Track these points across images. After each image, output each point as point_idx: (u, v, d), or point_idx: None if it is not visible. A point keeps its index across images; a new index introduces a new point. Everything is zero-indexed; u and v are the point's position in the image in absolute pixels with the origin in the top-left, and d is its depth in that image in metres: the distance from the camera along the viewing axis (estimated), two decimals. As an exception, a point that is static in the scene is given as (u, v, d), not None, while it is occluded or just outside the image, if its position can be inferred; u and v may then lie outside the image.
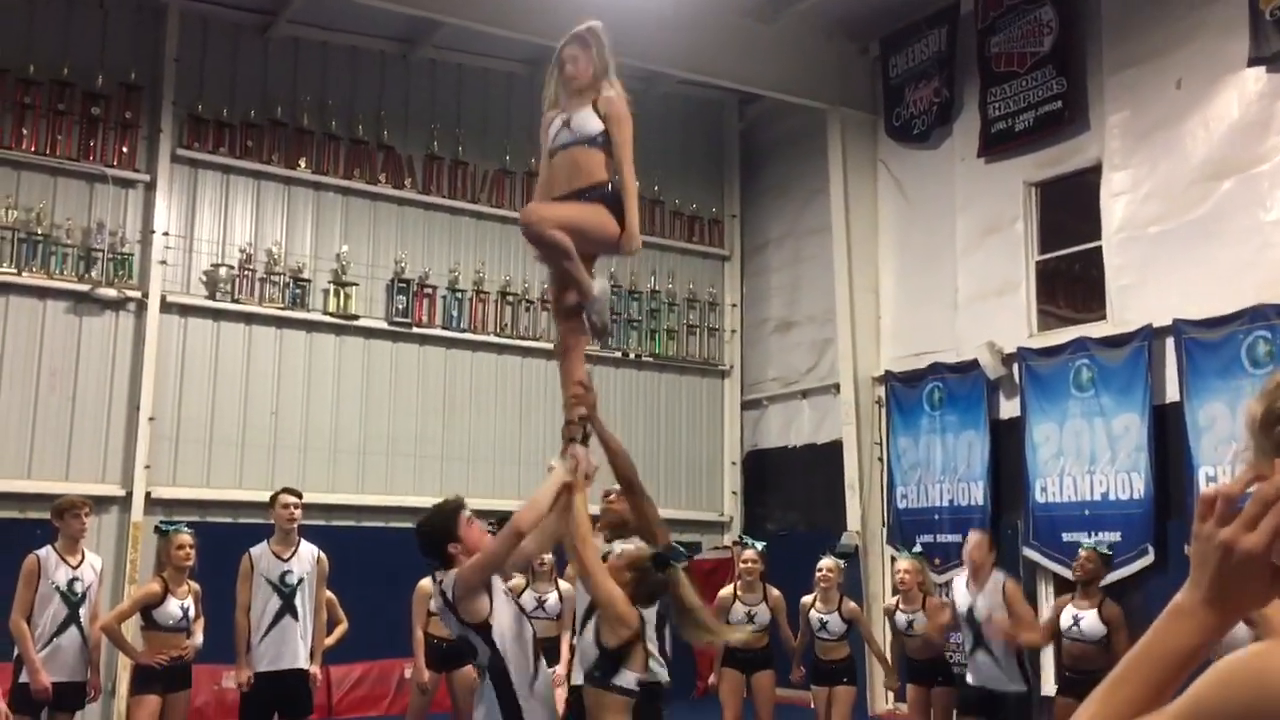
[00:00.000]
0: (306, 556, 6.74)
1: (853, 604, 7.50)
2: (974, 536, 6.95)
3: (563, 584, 7.37)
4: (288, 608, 6.55)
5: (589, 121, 4.28)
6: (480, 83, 13.10)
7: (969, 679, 6.76)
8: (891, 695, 10.79)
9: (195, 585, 6.42)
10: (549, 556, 7.06)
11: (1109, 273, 10.55)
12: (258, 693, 6.45)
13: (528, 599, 7.18)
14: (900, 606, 7.35)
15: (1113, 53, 10.56)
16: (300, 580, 6.62)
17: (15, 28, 10.71)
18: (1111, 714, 1.28)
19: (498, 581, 4.23)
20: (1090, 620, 6.20)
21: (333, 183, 12.11)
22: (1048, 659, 9.34)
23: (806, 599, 7.55)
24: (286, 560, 6.64)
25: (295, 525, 6.73)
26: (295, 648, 6.53)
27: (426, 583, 7.38)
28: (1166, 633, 1.30)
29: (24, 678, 6.03)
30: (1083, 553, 6.63)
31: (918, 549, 8.42)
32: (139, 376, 10.85)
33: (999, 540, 11.00)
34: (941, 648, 7.35)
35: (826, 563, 7.57)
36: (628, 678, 4.03)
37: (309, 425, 11.68)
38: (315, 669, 6.67)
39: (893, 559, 12.00)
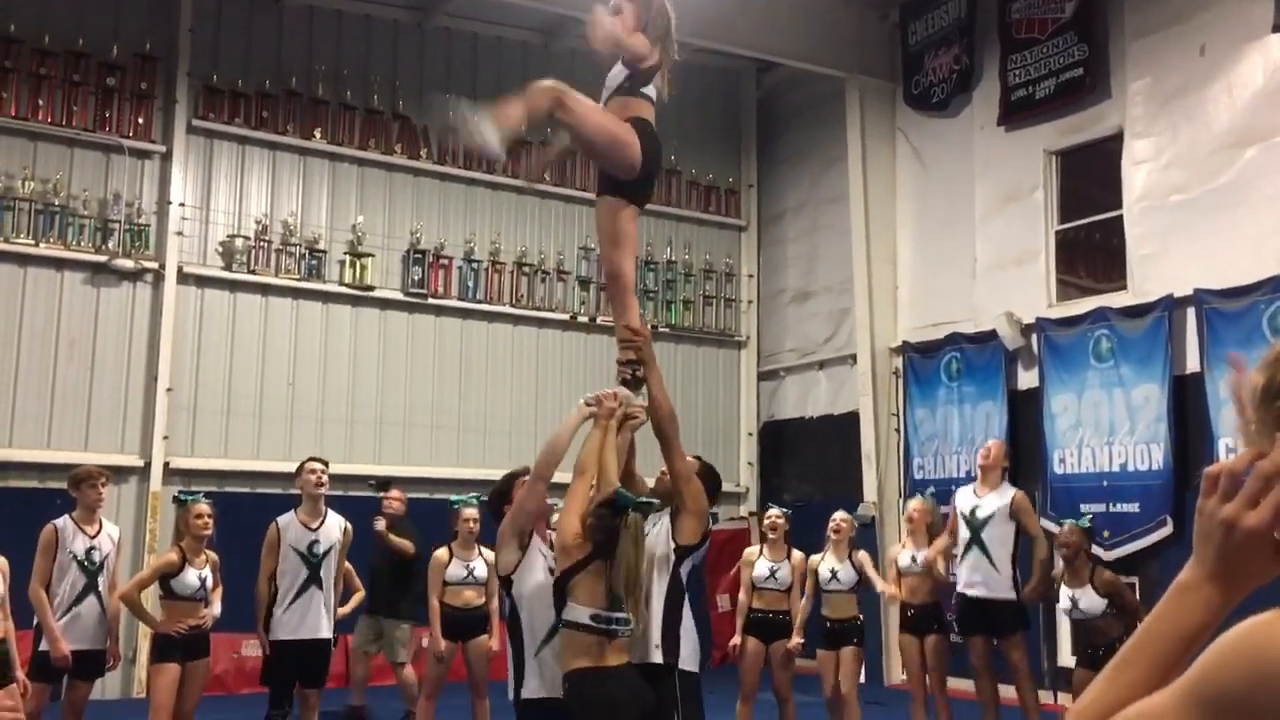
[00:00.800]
0: (334, 526, 6.79)
1: (863, 552, 7.55)
2: (993, 442, 7.00)
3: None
4: (314, 578, 6.60)
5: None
6: (495, 51, 13.02)
7: (961, 588, 6.79)
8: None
9: (213, 555, 6.45)
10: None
11: (1130, 242, 10.44)
12: (280, 660, 6.50)
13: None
14: (905, 544, 7.40)
15: (1135, 19, 10.41)
16: (328, 550, 6.66)
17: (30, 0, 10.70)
18: (1117, 695, 1.27)
19: (540, 545, 4.39)
20: (1088, 598, 6.13)
21: (348, 153, 12.08)
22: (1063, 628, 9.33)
23: (815, 557, 7.56)
24: (315, 530, 6.68)
25: (322, 493, 6.77)
26: (319, 617, 6.58)
27: (442, 553, 7.43)
28: (1171, 611, 1.29)
29: (44, 646, 6.08)
30: (1064, 527, 6.48)
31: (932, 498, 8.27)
32: (156, 347, 10.89)
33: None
34: (937, 587, 7.32)
35: (841, 514, 7.64)
36: (577, 612, 4.02)
37: (326, 396, 11.71)
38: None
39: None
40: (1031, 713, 6.54)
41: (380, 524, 8.52)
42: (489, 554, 7.55)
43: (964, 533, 6.76)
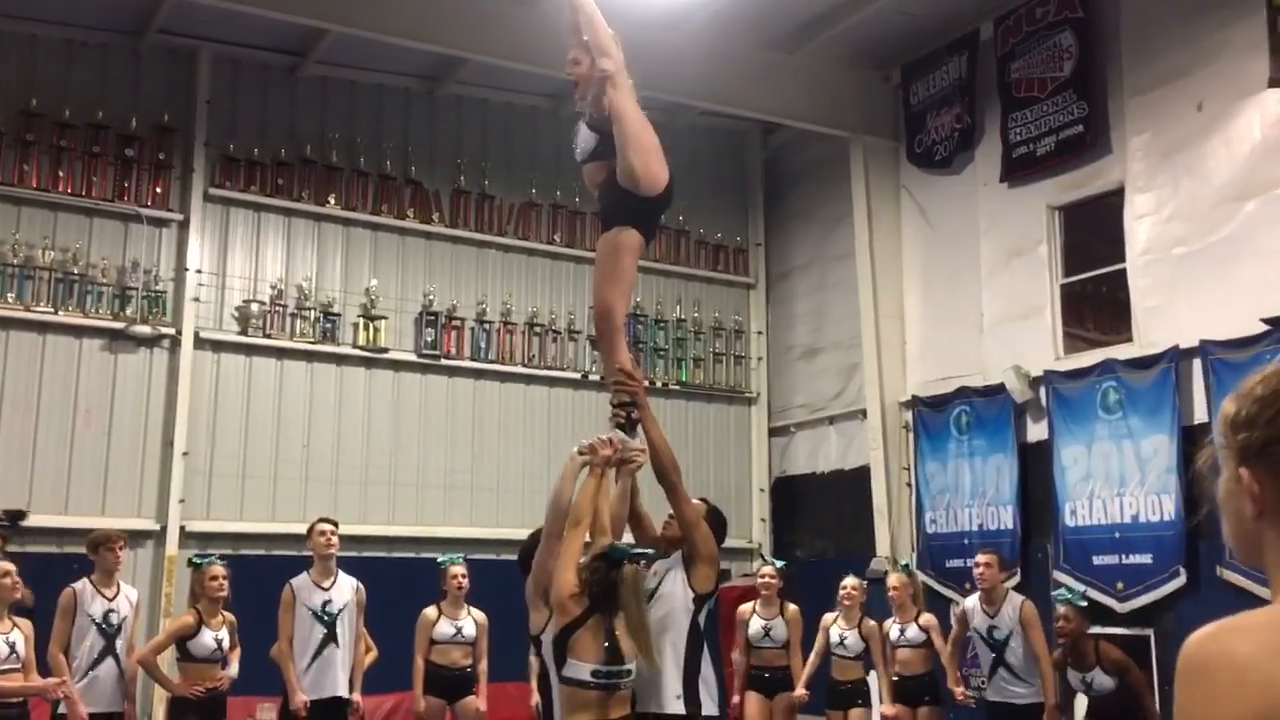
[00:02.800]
0: (346, 586, 6.85)
1: (871, 622, 7.51)
2: (982, 557, 6.90)
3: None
4: (330, 637, 6.66)
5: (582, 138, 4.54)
6: (504, 117, 13.28)
7: (990, 697, 6.73)
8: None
9: (230, 616, 6.52)
10: None
11: (1134, 295, 10.53)
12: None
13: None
14: (895, 620, 7.34)
15: (1133, 76, 10.59)
16: (341, 609, 6.73)
17: (53, 74, 10.98)
18: None
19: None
20: (1100, 679, 6.06)
21: (362, 218, 12.29)
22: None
23: (828, 616, 7.55)
24: (327, 590, 6.75)
25: (333, 553, 6.84)
26: (336, 676, 6.63)
27: (430, 611, 7.48)
28: None
29: (62, 709, 6.13)
30: (1061, 609, 6.24)
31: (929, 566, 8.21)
32: (173, 412, 11.02)
33: (1029, 565, 11.02)
34: (931, 657, 7.26)
35: (851, 580, 7.60)
36: (577, 669, 4.01)
37: (340, 458, 11.80)
38: (356, 697, 6.77)
39: (924, 585, 11.97)
40: None
41: None
42: (478, 614, 7.61)
43: (986, 653, 6.69)
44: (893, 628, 7.35)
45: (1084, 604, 6.20)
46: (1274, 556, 1.46)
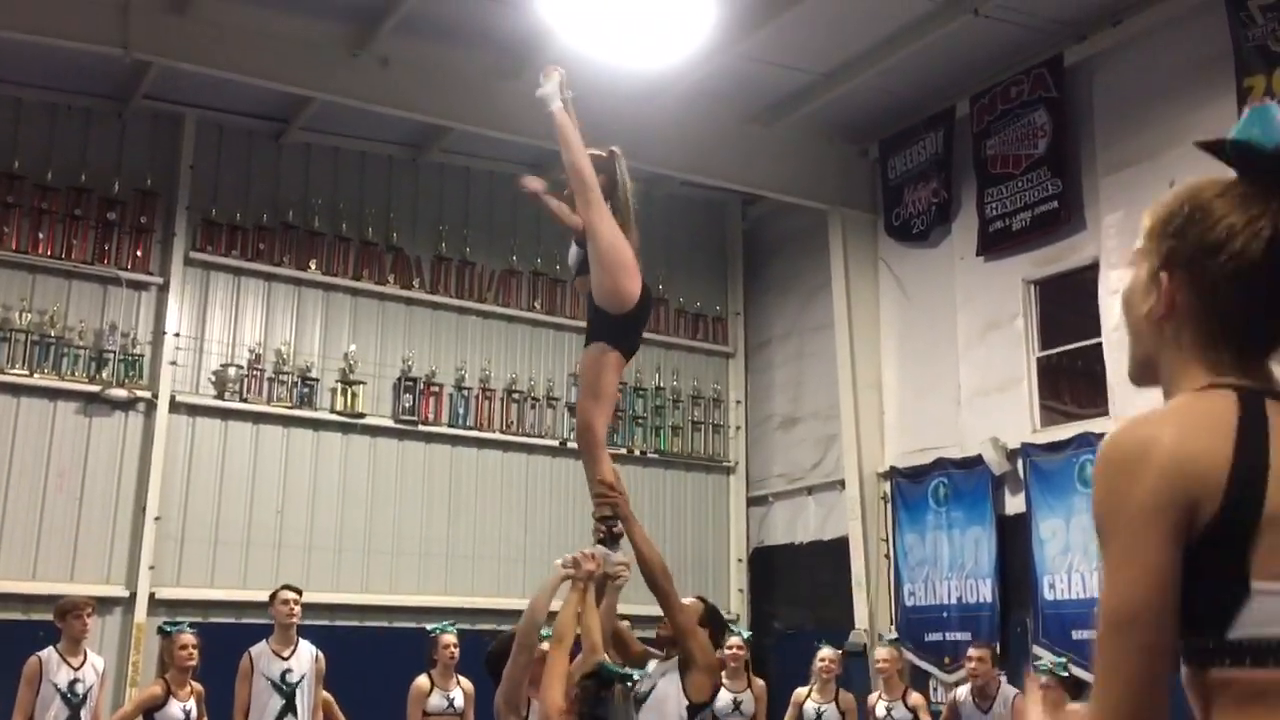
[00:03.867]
0: (305, 655, 6.75)
1: (848, 695, 7.41)
2: (975, 652, 6.83)
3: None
4: (289, 707, 6.55)
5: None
6: (486, 184, 13.37)
7: None
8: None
9: (198, 686, 6.41)
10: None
11: (1110, 368, 10.61)
12: None
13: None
14: (882, 695, 7.22)
15: (1106, 154, 10.78)
16: (301, 679, 6.62)
17: (36, 137, 11.01)
18: None
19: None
20: None
21: (342, 283, 12.30)
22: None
23: (801, 690, 7.44)
24: (286, 659, 6.65)
25: (294, 622, 6.75)
26: None
27: (422, 681, 7.37)
28: None
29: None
30: (1043, 679, 6.16)
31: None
32: (146, 476, 10.90)
33: (1009, 638, 10.96)
34: None
35: (827, 652, 7.50)
36: None
37: (314, 524, 11.68)
38: None
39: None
40: None
41: None
42: (466, 684, 7.51)
43: None
44: (879, 704, 7.24)
45: (1065, 675, 6.15)
46: (1169, 355, 1.63)
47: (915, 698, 7.34)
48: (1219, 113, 9.72)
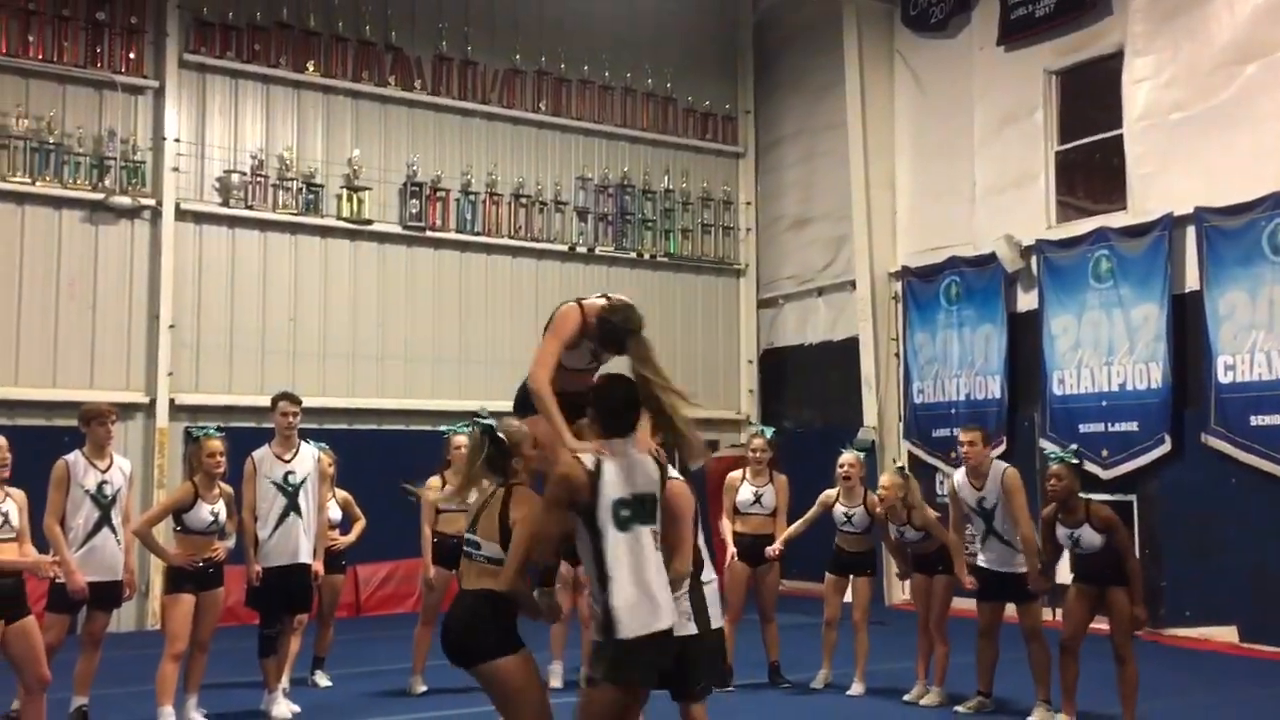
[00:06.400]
0: (307, 456, 6.87)
1: (875, 496, 7.52)
2: (965, 435, 6.88)
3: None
4: (292, 506, 6.70)
5: None
6: (488, -21, 12.85)
7: (981, 562, 6.83)
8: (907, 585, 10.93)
9: (226, 488, 6.52)
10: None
11: (1130, 161, 10.41)
12: (267, 587, 6.63)
13: None
14: (890, 520, 7.32)
15: (1136, -67, 10.27)
16: (303, 480, 6.75)
17: (15, -69, 10.52)
18: None
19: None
20: (1087, 535, 6.09)
21: (342, 86, 11.98)
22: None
23: (830, 492, 7.56)
24: (289, 461, 6.77)
25: (293, 432, 6.85)
26: (299, 544, 6.69)
27: (435, 481, 7.51)
28: None
29: (61, 578, 6.17)
30: (1054, 466, 6.23)
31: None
32: (157, 284, 10.90)
33: (1015, 433, 11.14)
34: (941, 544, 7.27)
35: (848, 457, 7.56)
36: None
37: (327, 331, 11.74)
38: (318, 565, 6.85)
39: (907, 454, 12.11)
40: (1042, 674, 6.59)
41: None
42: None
43: (979, 523, 6.77)
44: (891, 528, 7.35)
45: (1075, 462, 6.23)
46: None
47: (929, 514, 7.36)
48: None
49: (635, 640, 3.63)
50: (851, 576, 7.57)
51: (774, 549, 7.45)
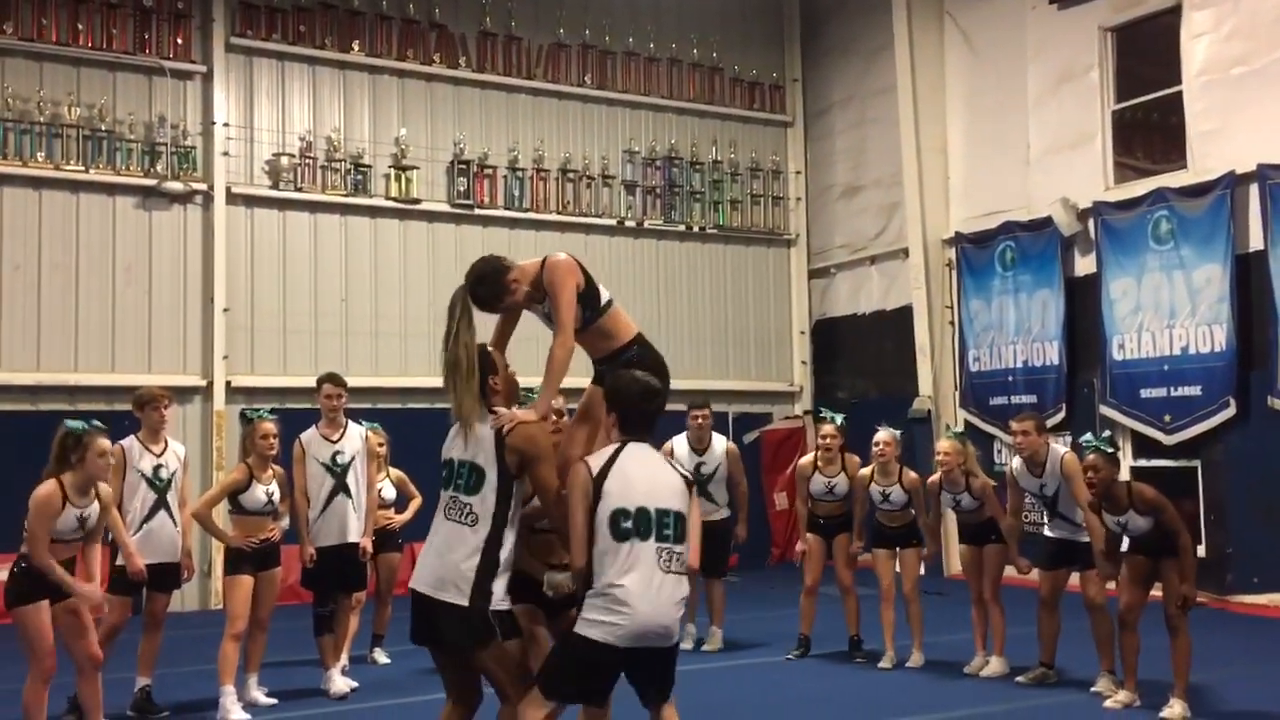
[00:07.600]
0: (354, 436, 6.92)
1: (912, 474, 7.45)
2: (1017, 426, 6.74)
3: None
4: (340, 486, 6.76)
5: None
6: (530, -47, 12.77)
7: (1047, 532, 6.78)
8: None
9: (280, 470, 6.59)
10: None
11: (1189, 119, 10.13)
12: (320, 567, 6.69)
13: None
14: (944, 487, 7.21)
15: (1194, -118, 9.95)
16: (351, 460, 6.80)
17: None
18: None
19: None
20: (1134, 521, 5.95)
21: (388, 65, 11.99)
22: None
23: (864, 472, 7.49)
24: (336, 442, 6.81)
25: (338, 415, 6.88)
26: (349, 523, 6.75)
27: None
28: None
29: (120, 560, 6.27)
30: (1089, 457, 6.05)
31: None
32: (210, 268, 11.01)
33: (1075, 400, 10.93)
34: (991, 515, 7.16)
35: (882, 435, 7.47)
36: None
37: (379, 310, 11.80)
38: (365, 542, 6.89)
39: (964, 423, 11.93)
40: (1105, 645, 6.49)
41: None
42: None
43: (1041, 506, 6.74)
44: (944, 495, 7.23)
45: (1110, 450, 6.05)
46: None
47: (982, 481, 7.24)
48: None
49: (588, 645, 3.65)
50: (898, 549, 7.50)
51: (854, 547, 7.53)
